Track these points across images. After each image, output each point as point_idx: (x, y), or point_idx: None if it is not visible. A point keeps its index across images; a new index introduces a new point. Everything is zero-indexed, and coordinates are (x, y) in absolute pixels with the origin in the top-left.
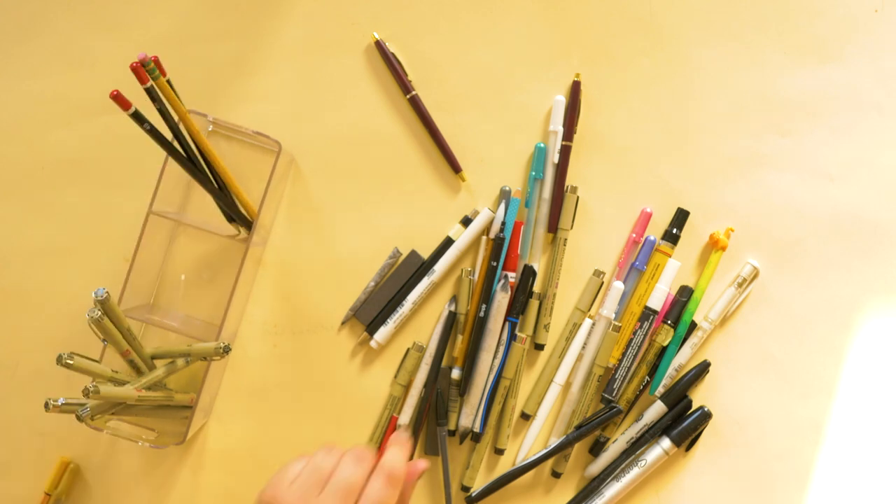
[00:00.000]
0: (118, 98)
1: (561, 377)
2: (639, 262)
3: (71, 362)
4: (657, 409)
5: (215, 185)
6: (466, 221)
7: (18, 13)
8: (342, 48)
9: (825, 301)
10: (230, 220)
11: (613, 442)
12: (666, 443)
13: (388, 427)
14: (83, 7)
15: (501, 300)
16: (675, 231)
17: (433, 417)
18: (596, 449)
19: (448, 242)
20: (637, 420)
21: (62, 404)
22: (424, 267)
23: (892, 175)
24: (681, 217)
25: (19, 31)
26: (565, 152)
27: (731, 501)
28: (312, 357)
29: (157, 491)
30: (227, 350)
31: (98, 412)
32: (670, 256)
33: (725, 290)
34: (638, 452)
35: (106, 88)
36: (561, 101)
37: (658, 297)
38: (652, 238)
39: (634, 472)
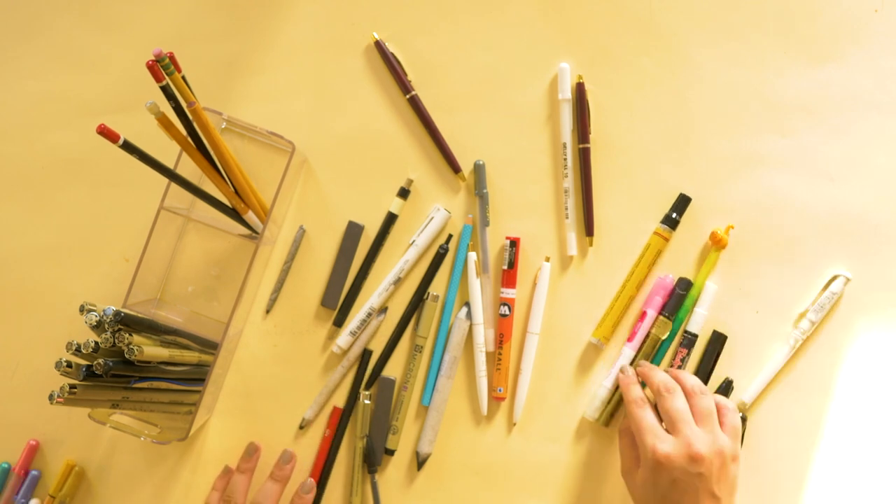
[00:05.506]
0: (105, 132)
1: (535, 327)
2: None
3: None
4: None
5: (231, 187)
6: (403, 193)
7: (19, 13)
8: (342, 48)
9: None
10: (239, 215)
11: None
12: None
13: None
14: (84, 7)
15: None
16: (674, 216)
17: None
18: None
19: (391, 218)
20: None
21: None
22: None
23: (892, 175)
24: (682, 202)
25: (20, 31)
26: (585, 154)
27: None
28: (312, 356)
29: (158, 490)
30: None
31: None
32: (668, 240)
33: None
34: None
35: (107, 88)
36: (566, 68)
37: (697, 322)
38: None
39: None
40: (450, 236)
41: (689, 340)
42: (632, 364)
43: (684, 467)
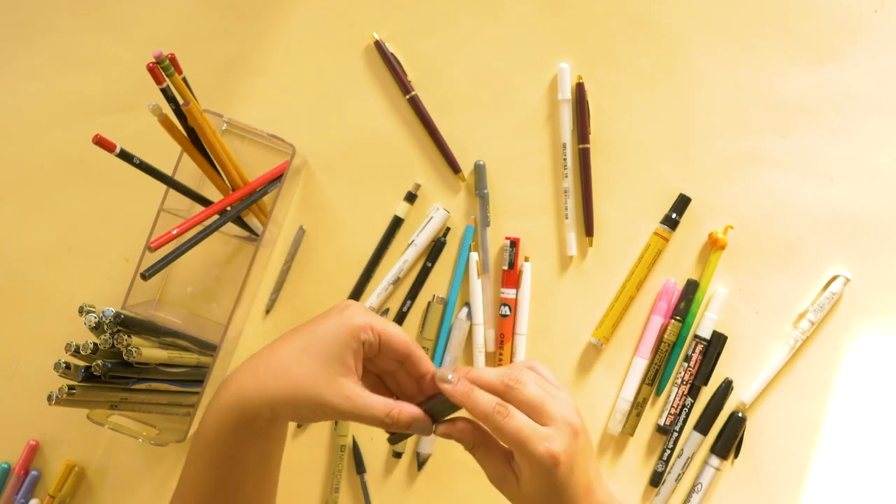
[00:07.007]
0: (101, 142)
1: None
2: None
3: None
4: (695, 441)
5: (230, 188)
6: (411, 197)
7: (19, 13)
8: (342, 49)
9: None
10: (242, 224)
11: (663, 483)
12: (714, 461)
13: None
14: (84, 7)
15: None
16: (674, 216)
17: None
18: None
19: (396, 222)
20: (679, 456)
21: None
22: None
23: (892, 175)
24: (682, 203)
25: (20, 32)
26: (585, 155)
27: (731, 501)
28: None
29: (157, 490)
30: None
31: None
32: (667, 240)
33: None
34: (694, 480)
35: (107, 88)
36: (566, 68)
37: (707, 326)
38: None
39: (696, 500)
40: (448, 229)
41: (703, 345)
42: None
43: (575, 449)
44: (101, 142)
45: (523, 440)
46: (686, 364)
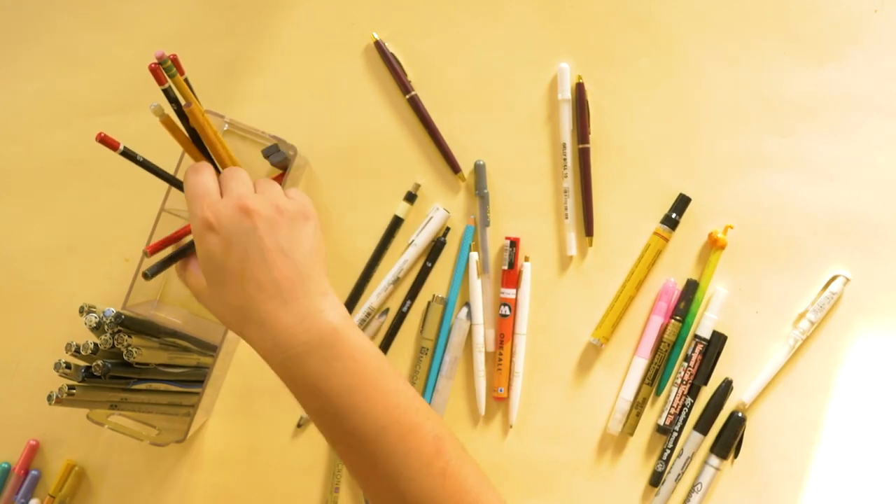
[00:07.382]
0: (105, 140)
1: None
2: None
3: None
4: (695, 441)
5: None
6: (410, 197)
7: (18, 13)
8: (341, 48)
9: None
10: None
11: (663, 483)
12: (714, 461)
13: None
14: (84, 8)
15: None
16: (674, 216)
17: None
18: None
19: (396, 222)
20: (679, 456)
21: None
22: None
23: (892, 175)
24: (682, 203)
25: (19, 31)
26: (585, 155)
27: (731, 501)
28: None
29: (157, 490)
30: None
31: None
32: (667, 240)
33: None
34: (694, 480)
35: (106, 88)
36: (566, 68)
37: (707, 326)
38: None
39: (696, 499)
40: (447, 229)
41: (703, 345)
42: None
43: (235, 223)
44: (104, 139)
45: (192, 197)
46: (686, 364)
